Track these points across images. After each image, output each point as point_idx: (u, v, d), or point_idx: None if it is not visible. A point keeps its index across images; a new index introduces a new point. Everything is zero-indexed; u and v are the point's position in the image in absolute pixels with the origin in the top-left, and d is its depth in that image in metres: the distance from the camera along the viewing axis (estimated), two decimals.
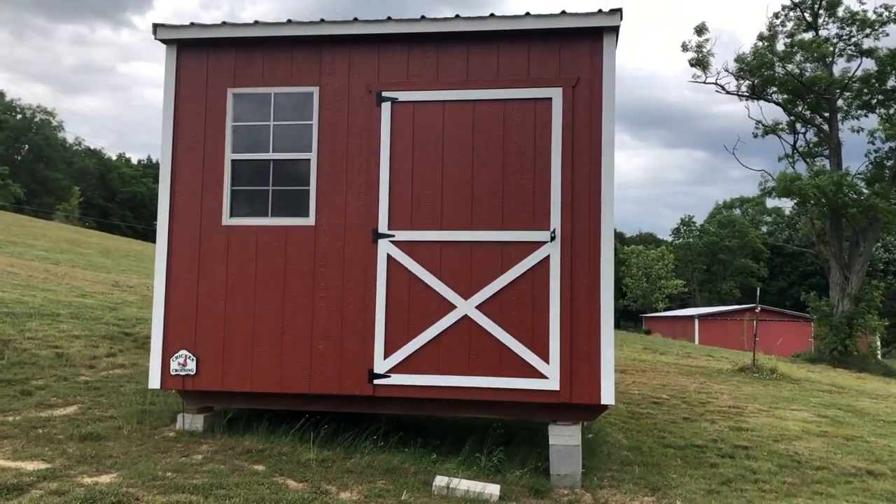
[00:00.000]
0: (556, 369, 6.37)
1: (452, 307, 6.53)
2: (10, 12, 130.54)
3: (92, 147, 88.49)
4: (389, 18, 6.72)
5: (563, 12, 6.53)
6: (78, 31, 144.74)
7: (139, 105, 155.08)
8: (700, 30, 30.64)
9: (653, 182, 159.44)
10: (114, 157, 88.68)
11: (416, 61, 6.78)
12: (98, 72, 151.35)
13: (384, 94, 6.75)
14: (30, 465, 5.45)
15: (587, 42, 6.57)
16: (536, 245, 6.48)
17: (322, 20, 6.81)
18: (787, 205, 37.85)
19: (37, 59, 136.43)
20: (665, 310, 65.06)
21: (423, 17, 6.71)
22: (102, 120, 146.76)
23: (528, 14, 6.58)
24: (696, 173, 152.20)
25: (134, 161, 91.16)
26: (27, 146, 77.12)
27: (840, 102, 31.07)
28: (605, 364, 6.34)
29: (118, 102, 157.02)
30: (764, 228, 75.67)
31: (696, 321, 50.78)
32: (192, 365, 6.81)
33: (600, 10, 6.46)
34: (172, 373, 6.84)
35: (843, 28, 30.78)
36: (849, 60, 30.68)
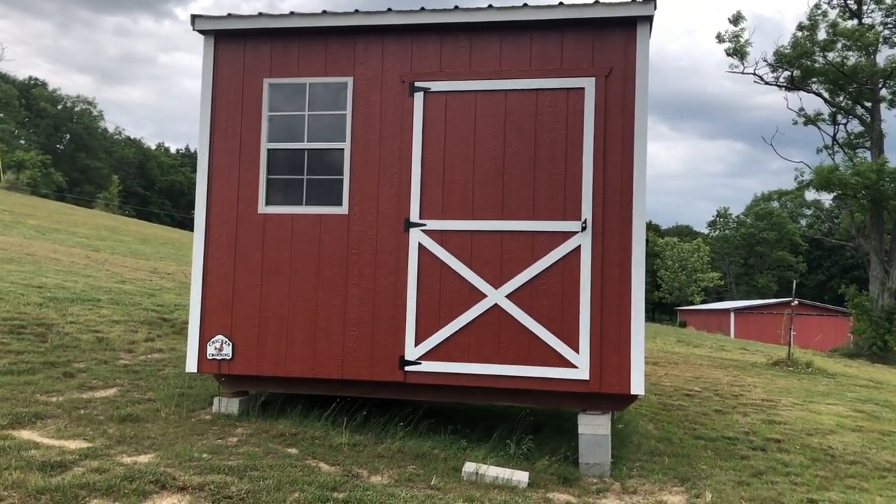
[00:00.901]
0: (586, 359, 6.39)
1: (483, 296, 6.58)
2: (57, 5, 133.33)
3: (132, 136, 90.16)
4: (423, 9, 6.76)
5: (597, 2, 6.51)
6: (121, 22, 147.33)
7: (179, 95, 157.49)
8: (736, 19, 30.19)
9: (691, 173, 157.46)
10: (153, 147, 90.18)
11: (448, 51, 6.82)
12: (140, 62, 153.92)
13: (417, 84, 6.80)
14: (72, 444, 5.63)
15: (621, 32, 6.55)
16: (567, 235, 6.50)
17: (356, 11, 6.88)
18: (826, 197, 37.18)
19: (81, 50, 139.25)
20: (701, 303, 64.40)
21: (456, 8, 6.73)
22: (143, 110, 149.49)
23: (561, 4, 6.58)
24: (736, 165, 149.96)
25: (172, 150, 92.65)
26: (68, 135, 78.72)
27: (883, 92, 30.38)
28: (634, 354, 6.34)
29: (158, 93, 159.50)
30: (803, 221, 74.50)
31: (732, 314, 50.25)
32: (227, 349, 6.96)
33: (634, 0, 6.43)
34: (209, 357, 6.99)
35: (888, 15, 30.05)
36: (893, 48, 29.97)
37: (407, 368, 6.65)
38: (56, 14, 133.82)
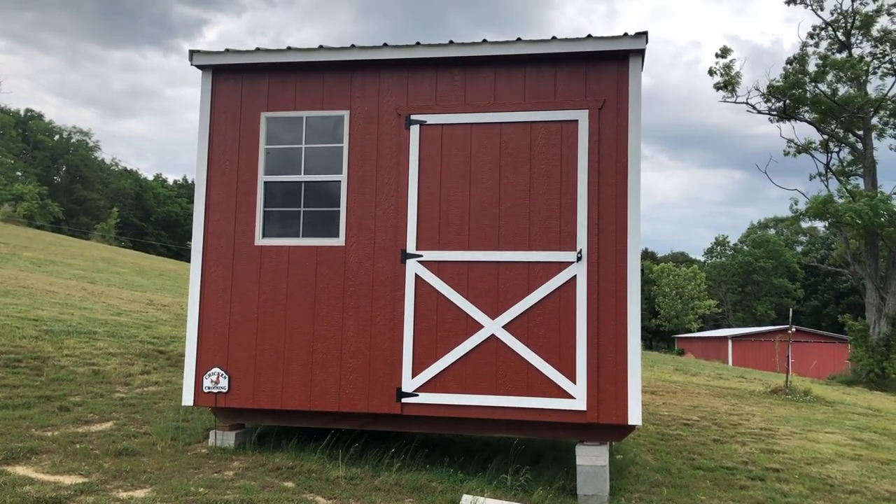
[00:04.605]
0: (583, 389, 6.39)
1: (479, 326, 6.59)
2: (65, 40, 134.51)
3: (128, 168, 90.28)
4: (418, 43, 6.86)
5: (590, 36, 6.61)
6: (129, 57, 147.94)
7: (182, 128, 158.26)
8: (724, 52, 30.64)
9: (690, 202, 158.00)
10: (150, 178, 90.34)
11: (444, 85, 6.90)
12: (146, 96, 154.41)
13: (413, 117, 6.88)
14: (68, 480, 5.60)
15: (613, 65, 6.65)
16: (563, 265, 6.53)
17: (353, 45, 6.97)
18: (821, 224, 37.43)
19: (88, 84, 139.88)
20: (698, 330, 64.32)
21: (451, 42, 6.83)
22: (147, 143, 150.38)
23: (554, 38, 6.67)
24: (735, 193, 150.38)
25: (170, 181, 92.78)
26: (65, 167, 78.91)
27: (874, 121, 30.72)
28: (632, 384, 6.34)
29: (163, 126, 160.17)
30: (799, 248, 74.73)
31: (730, 342, 50.17)
32: (224, 382, 6.94)
33: (626, 34, 6.53)
34: (205, 390, 6.97)
35: (877, 46, 30.51)
36: (882, 78, 30.39)
37: (404, 400, 6.64)
38: (64, 49, 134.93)
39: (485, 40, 6.79)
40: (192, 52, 7.21)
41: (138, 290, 20.98)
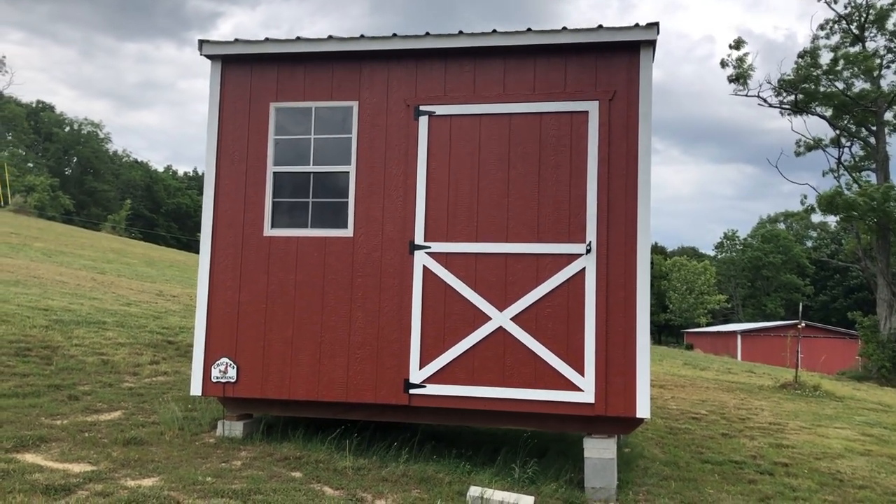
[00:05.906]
0: (592, 382, 6.37)
1: (487, 318, 6.58)
2: (80, 32, 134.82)
3: (139, 159, 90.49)
4: (427, 34, 6.83)
5: (600, 27, 6.56)
6: (143, 49, 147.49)
7: (194, 120, 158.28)
8: (737, 44, 30.45)
9: (701, 196, 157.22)
10: (160, 170, 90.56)
11: (453, 75, 6.87)
12: (159, 88, 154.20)
13: (422, 107, 6.85)
14: (76, 468, 5.62)
15: (624, 56, 6.60)
16: (572, 257, 6.50)
17: (362, 36, 6.95)
18: (832, 219, 37.26)
19: (101, 76, 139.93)
20: (707, 325, 64.14)
21: (460, 32, 6.79)
22: (159, 135, 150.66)
23: (564, 28, 6.63)
24: (747, 188, 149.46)
25: (180, 173, 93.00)
26: (76, 158, 79.18)
27: (887, 115, 30.48)
28: (640, 377, 6.32)
29: (176, 118, 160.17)
30: (809, 243, 74.33)
31: (739, 337, 50.01)
32: (232, 372, 6.95)
33: (637, 25, 6.48)
34: (213, 380, 6.99)
35: (891, 41, 30.24)
36: None
37: (412, 391, 6.63)
38: (79, 41, 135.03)
39: (494, 30, 6.74)
40: (201, 42, 7.20)
41: (148, 281, 21.05)
